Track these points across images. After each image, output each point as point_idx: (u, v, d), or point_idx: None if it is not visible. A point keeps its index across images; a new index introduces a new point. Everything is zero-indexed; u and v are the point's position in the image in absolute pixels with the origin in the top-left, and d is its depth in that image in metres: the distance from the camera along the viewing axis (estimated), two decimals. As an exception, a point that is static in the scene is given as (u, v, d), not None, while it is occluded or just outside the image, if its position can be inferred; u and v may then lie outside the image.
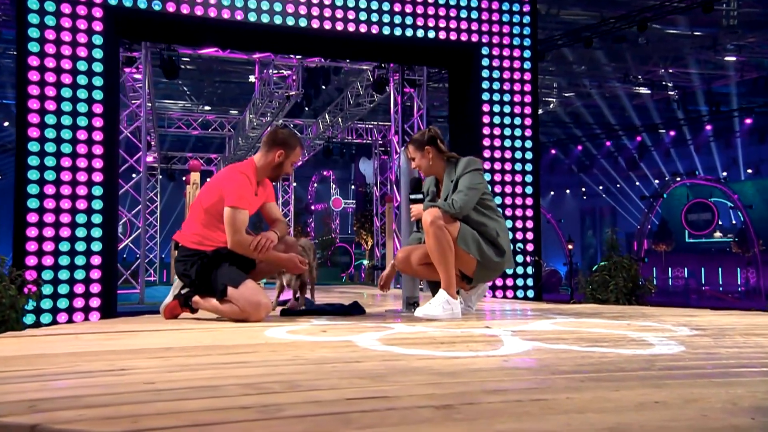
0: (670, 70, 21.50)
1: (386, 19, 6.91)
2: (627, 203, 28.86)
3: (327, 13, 6.75)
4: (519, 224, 7.15)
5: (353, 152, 24.66)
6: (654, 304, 6.67)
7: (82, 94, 5.88)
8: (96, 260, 5.87)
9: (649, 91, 22.81)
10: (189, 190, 6.01)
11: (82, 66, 5.92)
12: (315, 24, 6.71)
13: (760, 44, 19.83)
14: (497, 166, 7.25)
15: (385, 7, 6.89)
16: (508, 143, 7.31)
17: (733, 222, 24.17)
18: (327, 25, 6.72)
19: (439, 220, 3.70)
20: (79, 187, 5.85)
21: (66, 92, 5.86)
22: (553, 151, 27.21)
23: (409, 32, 6.99)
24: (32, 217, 5.68)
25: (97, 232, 5.89)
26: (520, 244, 7.02)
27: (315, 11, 6.69)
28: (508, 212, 7.18)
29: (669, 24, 18.53)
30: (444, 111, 21.56)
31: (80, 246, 5.83)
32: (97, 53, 5.96)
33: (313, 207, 27.86)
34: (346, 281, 19.78)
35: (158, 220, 17.24)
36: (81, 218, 5.84)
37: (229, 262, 3.62)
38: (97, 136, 5.92)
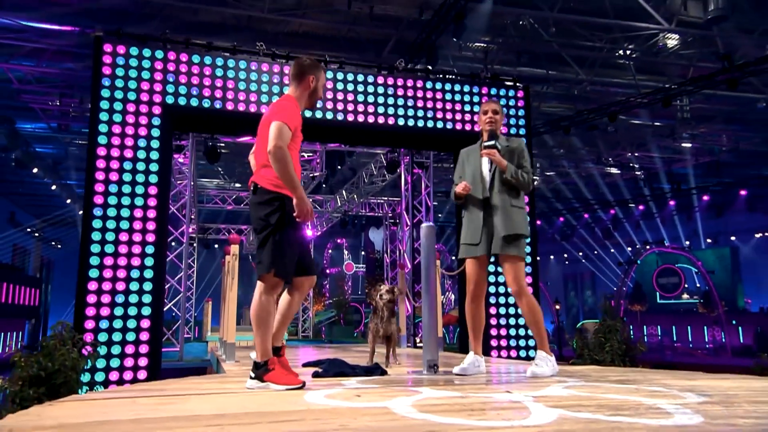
0: (636, 154, 21.78)
1: (401, 112, 6.98)
2: (604, 268, 28.63)
3: (350, 107, 6.82)
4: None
5: (363, 222, 24.75)
6: (644, 361, 6.42)
7: (140, 177, 5.88)
8: (145, 323, 5.71)
9: (618, 171, 23.02)
10: (228, 260, 5.88)
11: (141, 153, 5.93)
12: (340, 116, 6.77)
13: (710, 134, 20.26)
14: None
15: (400, 102, 6.98)
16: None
17: (698, 285, 23.88)
18: (350, 117, 6.78)
19: (527, 287, 4.01)
20: (134, 258, 5.75)
21: (127, 177, 5.86)
22: (538, 222, 27.19)
23: (420, 123, 7.05)
24: (92, 285, 5.56)
25: (147, 298, 5.75)
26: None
27: (340, 106, 6.77)
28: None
29: (634, 116, 18.89)
30: (443, 187, 21.78)
31: (132, 311, 5.68)
32: (155, 143, 5.99)
33: (327, 271, 27.68)
34: (358, 337, 19.35)
35: (194, 283, 17.16)
36: (134, 285, 5.72)
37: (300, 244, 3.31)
38: (151, 213, 5.88)
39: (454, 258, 28.42)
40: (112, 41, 5.95)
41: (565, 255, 31.53)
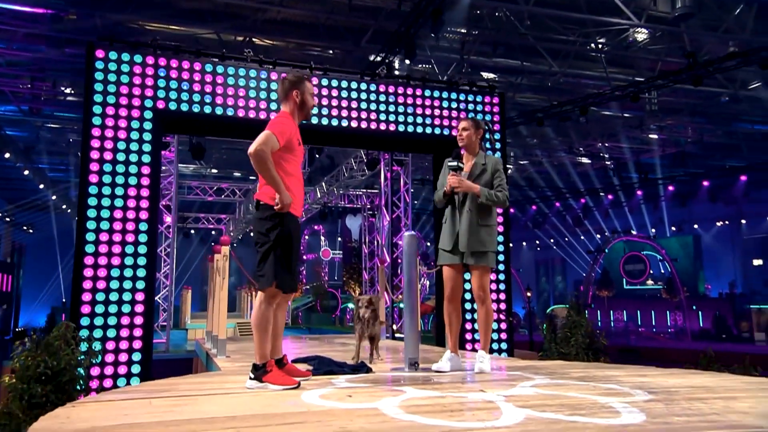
0: (606, 144, 22.41)
1: (383, 117, 7.30)
2: (574, 254, 29.60)
3: (334, 112, 7.11)
4: (493, 286, 7.42)
5: (340, 210, 25.12)
6: (610, 346, 6.92)
7: (132, 180, 6.10)
8: (138, 320, 5.98)
9: (589, 161, 23.65)
10: (217, 258, 6.16)
11: (133, 157, 6.15)
12: (324, 121, 7.04)
13: (676, 126, 20.95)
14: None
15: (382, 108, 7.30)
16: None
17: (662, 271, 24.90)
18: (334, 122, 7.07)
19: (489, 295, 4.30)
20: (127, 257, 6.00)
21: (120, 179, 6.07)
22: (512, 210, 27.87)
23: (401, 128, 7.38)
24: (87, 284, 5.80)
25: (140, 296, 6.01)
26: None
27: (324, 111, 7.04)
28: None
29: (604, 107, 19.48)
30: (419, 174, 22.26)
31: (126, 308, 5.94)
32: (146, 147, 6.21)
33: (305, 257, 27.99)
34: (336, 324, 19.75)
35: (173, 271, 17.35)
36: (127, 284, 5.97)
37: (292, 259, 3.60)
38: (143, 215, 6.11)
39: (429, 244, 28.93)
40: (104, 47, 6.11)
41: (537, 242, 32.40)
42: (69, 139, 21.87)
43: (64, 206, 26.37)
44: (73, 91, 17.88)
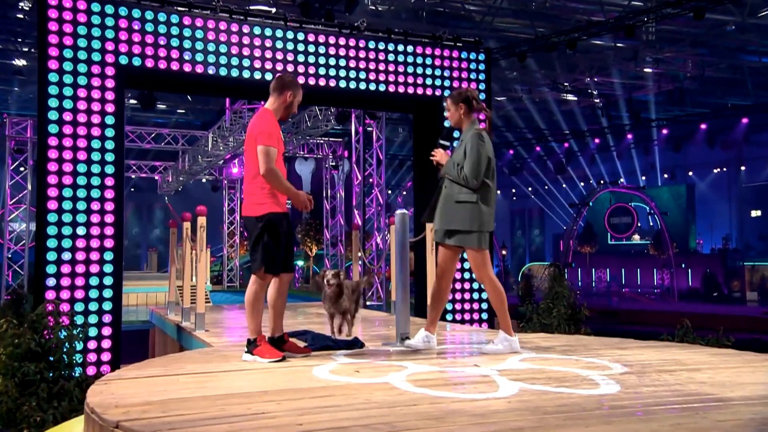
0: (596, 79, 23.39)
1: (362, 75, 8.12)
2: (555, 205, 31.11)
3: (311, 70, 7.90)
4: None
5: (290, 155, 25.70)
6: (591, 308, 8.17)
7: (95, 144, 6.78)
8: (108, 293, 6.81)
9: (575, 98, 24.71)
10: (186, 226, 7.00)
11: (95, 118, 6.80)
12: (300, 80, 7.76)
13: (675, 58, 21.94)
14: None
15: (362, 65, 8.12)
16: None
17: (651, 224, 26.80)
18: (311, 81, 7.84)
19: (490, 271, 4.96)
20: (94, 221, 6.76)
21: (81, 143, 6.75)
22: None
23: (383, 87, 8.24)
24: (51, 255, 6.56)
25: (108, 268, 6.82)
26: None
27: (301, 69, 7.81)
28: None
29: (594, 35, 20.38)
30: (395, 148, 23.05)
31: (94, 280, 6.75)
32: (109, 107, 6.87)
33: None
34: (292, 288, 20.67)
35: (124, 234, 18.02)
36: (94, 255, 6.76)
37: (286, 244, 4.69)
38: (109, 181, 6.83)
39: (390, 192, 30.01)
40: (57, -6, 6.62)
41: (514, 190, 33.70)
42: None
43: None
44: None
